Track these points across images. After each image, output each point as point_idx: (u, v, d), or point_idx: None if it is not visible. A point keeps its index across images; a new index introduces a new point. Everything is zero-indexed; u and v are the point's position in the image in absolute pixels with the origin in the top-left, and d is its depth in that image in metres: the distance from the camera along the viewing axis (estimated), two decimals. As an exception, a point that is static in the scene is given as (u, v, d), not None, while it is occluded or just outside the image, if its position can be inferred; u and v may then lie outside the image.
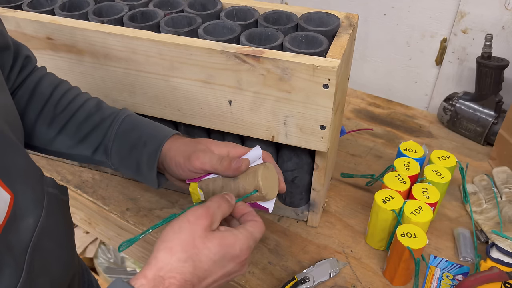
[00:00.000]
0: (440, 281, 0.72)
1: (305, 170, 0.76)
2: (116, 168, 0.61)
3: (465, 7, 1.00)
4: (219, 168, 0.54)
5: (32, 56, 0.62)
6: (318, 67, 0.57)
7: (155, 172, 0.58)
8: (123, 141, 0.59)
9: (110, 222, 0.91)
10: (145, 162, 0.58)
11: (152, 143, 0.58)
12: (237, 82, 0.64)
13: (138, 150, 0.58)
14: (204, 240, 0.44)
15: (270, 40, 0.66)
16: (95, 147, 0.60)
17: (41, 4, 0.77)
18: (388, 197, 0.72)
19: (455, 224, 0.82)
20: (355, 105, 1.16)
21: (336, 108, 0.64)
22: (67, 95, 0.61)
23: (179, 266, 0.42)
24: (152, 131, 0.59)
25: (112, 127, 0.59)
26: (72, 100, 0.61)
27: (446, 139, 1.04)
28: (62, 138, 0.60)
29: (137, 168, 0.59)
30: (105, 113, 0.61)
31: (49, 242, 0.47)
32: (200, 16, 0.71)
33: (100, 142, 0.59)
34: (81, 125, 0.59)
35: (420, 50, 1.14)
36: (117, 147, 0.59)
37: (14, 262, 0.41)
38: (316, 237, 0.81)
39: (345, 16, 0.69)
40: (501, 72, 0.94)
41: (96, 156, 0.60)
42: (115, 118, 0.60)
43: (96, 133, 0.59)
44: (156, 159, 0.57)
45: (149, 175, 0.58)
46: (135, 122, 0.61)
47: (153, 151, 0.57)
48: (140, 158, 0.58)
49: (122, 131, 0.59)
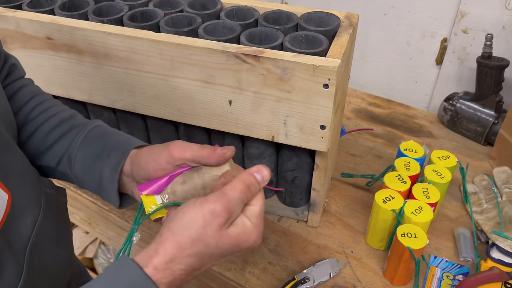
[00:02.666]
0: (441, 281, 0.72)
1: (305, 170, 0.76)
2: (78, 182, 0.56)
3: (466, 7, 1.00)
4: (201, 155, 0.48)
5: (19, 66, 0.60)
6: (318, 67, 0.57)
7: (115, 185, 0.52)
8: (88, 150, 0.54)
9: (110, 222, 0.91)
10: (107, 174, 0.52)
11: (116, 153, 0.53)
12: (237, 82, 0.64)
13: (101, 161, 0.53)
14: (216, 241, 0.41)
15: (270, 40, 0.66)
16: (60, 157, 0.55)
17: (41, 4, 0.77)
18: (388, 197, 0.72)
19: (456, 224, 0.82)
20: (355, 105, 1.16)
21: (336, 108, 0.64)
22: (42, 105, 0.58)
23: (188, 260, 0.41)
24: (119, 141, 0.55)
25: (79, 135, 0.55)
26: (46, 109, 0.57)
27: (447, 139, 1.04)
28: (28, 146, 0.56)
29: (99, 181, 0.53)
30: (76, 122, 0.57)
31: (47, 242, 0.47)
32: (200, 16, 0.70)
33: (65, 151, 0.55)
34: (50, 133, 0.56)
35: (420, 50, 1.14)
36: (81, 157, 0.54)
37: (14, 260, 0.42)
38: (316, 237, 0.81)
39: (345, 16, 0.69)
40: (501, 72, 0.94)
41: (60, 167, 0.56)
42: (84, 127, 0.56)
43: (63, 142, 0.55)
44: (118, 170, 0.51)
45: (110, 189, 0.52)
46: (103, 132, 0.56)
47: (117, 161, 0.52)
48: (103, 170, 0.53)
49: (87, 140, 0.55)
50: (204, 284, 0.83)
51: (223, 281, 0.77)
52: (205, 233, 0.41)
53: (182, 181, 0.50)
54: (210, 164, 0.49)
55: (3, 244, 0.41)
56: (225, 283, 0.77)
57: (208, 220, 0.41)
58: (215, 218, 0.41)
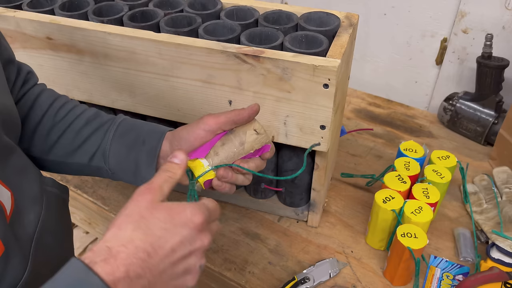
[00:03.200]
0: (440, 281, 0.72)
1: (305, 170, 0.76)
2: (112, 173, 0.60)
3: (466, 7, 1.00)
4: (234, 115, 0.54)
5: (34, 73, 0.64)
6: (318, 67, 0.57)
7: (153, 170, 0.57)
8: (121, 142, 0.59)
9: (110, 222, 0.91)
10: (144, 160, 0.57)
11: (151, 140, 0.58)
12: (237, 82, 0.64)
13: (136, 149, 0.58)
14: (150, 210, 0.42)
15: (270, 40, 0.66)
16: (93, 153, 0.59)
17: (41, 4, 0.77)
18: (388, 197, 0.72)
19: (455, 224, 0.82)
20: (355, 105, 1.16)
21: (336, 108, 0.64)
22: (66, 105, 0.62)
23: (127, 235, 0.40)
24: (150, 129, 0.60)
25: (109, 130, 0.59)
26: (71, 109, 0.61)
27: (446, 139, 1.04)
28: (60, 145, 0.59)
29: (136, 168, 0.58)
30: (104, 119, 0.61)
31: (50, 239, 0.49)
32: (200, 16, 0.70)
33: (98, 146, 0.59)
34: (80, 131, 0.60)
35: (420, 50, 1.14)
36: (115, 149, 0.59)
37: (21, 253, 0.44)
38: (316, 237, 0.81)
39: (345, 16, 0.69)
40: (501, 72, 0.94)
41: (93, 162, 0.60)
42: (113, 122, 0.61)
43: (94, 138, 0.59)
44: (156, 153, 0.57)
45: (148, 173, 0.57)
46: (132, 124, 0.61)
47: (153, 146, 0.57)
48: (139, 157, 0.58)
49: (119, 133, 0.59)
50: (204, 284, 0.83)
51: (223, 281, 0.77)
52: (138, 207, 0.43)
53: (221, 144, 0.55)
54: (243, 120, 0.54)
55: (11, 237, 0.43)
56: (225, 283, 0.77)
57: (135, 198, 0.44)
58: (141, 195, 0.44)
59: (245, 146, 0.55)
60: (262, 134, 0.55)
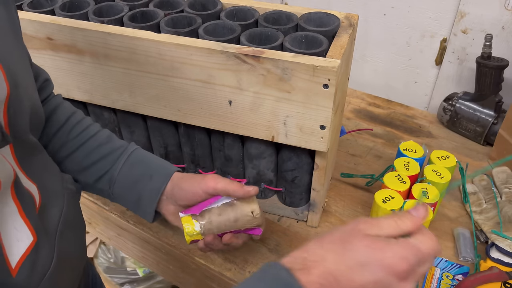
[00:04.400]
0: (440, 281, 0.72)
1: (305, 170, 0.76)
2: (113, 198, 0.63)
3: (465, 7, 1.00)
4: (230, 187, 0.58)
5: (50, 80, 0.64)
6: (318, 67, 0.57)
7: (154, 206, 0.61)
8: (130, 173, 0.61)
9: (110, 222, 0.91)
10: (147, 195, 0.60)
11: (158, 177, 0.61)
12: (237, 82, 0.64)
13: (143, 183, 0.61)
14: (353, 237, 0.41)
15: (270, 40, 0.66)
16: (100, 176, 0.61)
17: (41, 4, 0.77)
18: (388, 197, 0.72)
19: (455, 224, 0.82)
20: (355, 105, 1.16)
21: (336, 108, 0.64)
22: (81, 123, 0.63)
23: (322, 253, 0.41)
24: (159, 166, 0.62)
25: (121, 158, 0.62)
26: (86, 129, 0.63)
27: (446, 139, 1.04)
28: (69, 162, 0.61)
29: (138, 200, 0.61)
30: (116, 145, 0.63)
31: (70, 233, 0.51)
32: (200, 16, 0.71)
33: (106, 171, 0.61)
34: (91, 153, 0.61)
35: (420, 50, 1.14)
36: (122, 178, 0.61)
37: (48, 245, 0.45)
38: (316, 237, 0.81)
39: (345, 16, 0.70)
40: (501, 72, 0.94)
41: (98, 185, 0.62)
42: (125, 150, 0.63)
43: (104, 163, 0.61)
44: (159, 192, 0.60)
45: (149, 208, 0.61)
46: (143, 156, 0.63)
47: (160, 184, 0.60)
48: (143, 191, 0.61)
49: (130, 163, 0.62)
50: (204, 284, 0.83)
51: (223, 281, 0.77)
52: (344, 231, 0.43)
53: (218, 213, 0.59)
54: (237, 196, 0.58)
55: (41, 228, 0.45)
56: (225, 283, 0.77)
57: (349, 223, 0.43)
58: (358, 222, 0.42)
59: (238, 223, 0.58)
60: (258, 218, 0.58)
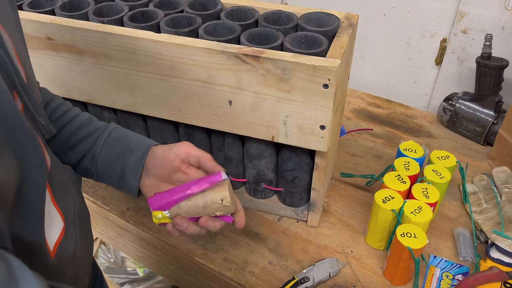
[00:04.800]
0: (440, 281, 0.72)
1: (305, 170, 0.76)
2: (98, 176, 0.63)
3: (465, 7, 1.00)
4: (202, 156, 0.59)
5: None
6: (318, 67, 0.57)
7: (138, 178, 0.61)
8: (111, 149, 0.62)
9: (110, 222, 0.92)
10: (130, 167, 0.61)
11: (138, 150, 0.61)
12: (237, 82, 0.64)
13: (125, 157, 0.61)
14: None
15: (270, 40, 0.66)
16: (82, 156, 0.62)
17: (41, 4, 0.77)
18: (388, 197, 0.72)
19: (455, 224, 0.82)
20: (355, 105, 1.16)
21: (336, 108, 0.64)
22: (61, 107, 0.64)
23: None
24: (139, 141, 0.63)
25: (101, 136, 0.63)
26: (66, 111, 0.64)
27: (446, 139, 1.04)
28: (53, 145, 0.61)
29: (121, 175, 0.62)
30: (97, 125, 0.64)
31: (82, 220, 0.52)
32: (200, 16, 0.71)
33: (89, 150, 0.62)
34: (73, 134, 0.62)
35: (420, 50, 1.14)
36: (104, 155, 0.62)
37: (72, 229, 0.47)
38: (316, 237, 0.81)
39: (345, 16, 0.70)
40: (500, 72, 0.94)
41: (81, 164, 0.63)
42: (105, 129, 0.64)
43: (86, 142, 0.62)
44: (142, 163, 0.61)
45: (133, 181, 0.61)
46: (122, 133, 0.64)
47: (139, 157, 0.61)
48: (126, 165, 0.61)
49: (110, 140, 0.63)
50: (204, 284, 0.84)
51: (223, 281, 0.77)
52: None
53: (188, 199, 0.58)
54: (204, 168, 0.59)
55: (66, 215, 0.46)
56: (225, 283, 0.77)
57: None
58: None
59: (206, 210, 0.58)
60: (227, 206, 0.57)
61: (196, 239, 0.81)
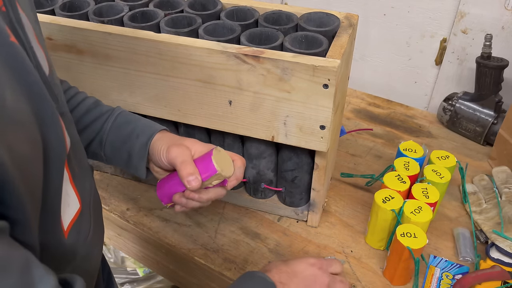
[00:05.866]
0: (440, 281, 0.72)
1: (305, 170, 0.76)
2: (107, 159, 0.65)
3: (465, 7, 1.00)
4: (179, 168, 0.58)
5: None
6: (318, 67, 0.57)
7: (145, 162, 0.63)
8: (118, 133, 0.64)
9: (110, 222, 0.91)
10: (136, 152, 0.63)
11: (144, 135, 0.63)
12: (237, 82, 0.64)
13: (131, 142, 0.63)
14: None
15: (270, 40, 0.66)
16: (91, 140, 0.64)
17: (41, 4, 0.77)
18: (388, 197, 0.72)
19: (455, 224, 0.82)
20: (355, 105, 1.16)
21: (336, 108, 0.64)
22: (69, 91, 0.65)
23: None
24: (145, 125, 0.65)
25: (108, 121, 0.64)
26: (74, 96, 0.65)
27: (446, 139, 1.04)
28: None
29: (128, 159, 0.63)
30: (103, 109, 0.66)
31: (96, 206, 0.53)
32: (200, 16, 0.71)
33: (97, 134, 0.64)
34: (81, 118, 0.64)
35: (420, 50, 1.14)
36: (111, 139, 0.64)
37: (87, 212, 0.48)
38: (316, 237, 0.81)
39: (345, 16, 0.70)
40: (500, 72, 0.94)
41: (90, 148, 0.65)
42: (111, 114, 0.65)
43: (94, 126, 0.64)
44: (146, 149, 0.62)
45: (139, 165, 0.63)
46: (129, 118, 0.66)
47: (144, 142, 0.62)
48: (132, 149, 0.63)
49: (117, 124, 0.64)
50: (204, 284, 0.84)
51: (223, 281, 0.77)
52: None
53: None
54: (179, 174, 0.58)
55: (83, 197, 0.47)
56: (225, 283, 0.77)
57: None
58: None
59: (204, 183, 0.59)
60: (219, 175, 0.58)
61: (196, 239, 0.81)
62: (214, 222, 0.84)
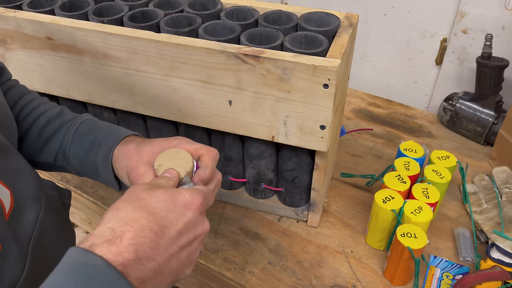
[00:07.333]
0: (440, 281, 0.72)
1: (305, 170, 0.76)
2: (77, 173, 0.60)
3: (465, 7, 1.00)
4: None
5: (6, 69, 0.62)
6: (318, 67, 0.57)
7: (111, 174, 0.55)
8: (80, 144, 0.57)
9: (110, 222, 0.91)
10: (100, 164, 0.56)
11: (106, 145, 0.56)
12: (237, 82, 0.64)
13: (93, 152, 0.56)
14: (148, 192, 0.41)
15: (270, 40, 0.66)
16: (56, 153, 0.59)
17: (41, 4, 0.77)
18: (388, 197, 0.72)
19: (455, 224, 0.82)
20: (355, 105, 1.16)
21: (336, 108, 0.64)
22: (31, 104, 0.60)
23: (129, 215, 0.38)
24: (108, 132, 0.58)
25: (69, 131, 0.58)
26: (36, 108, 0.60)
27: (446, 139, 1.04)
28: (25, 144, 0.58)
29: (95, 171, 0.57)
30: (65, 118, 0.60)
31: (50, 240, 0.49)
32: (200, 16, 0.71)
33: (59, 147, 0.58)
34: (42, 131, 0.58)
35: (420, 50, 1.14)
36: (74, 151, 0.58)
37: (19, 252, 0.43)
38: (316, 237, 0.81)
39: (345, 16, 0.70)
40: (501, 72, 0.94)
41: (57, 162, 0.59)
42: (74, 122, 0.59)
43: (55, 139, 0.58)
44: (109, 160, 0.55)
45: (107, 177, 0.56)
46: (92, 125, 0.59)
47: (107, 152, 0.55)
48: (96, 160, 0.56)
49: (78, 134, 0.58)
50: (204, 284, 0.83)
51: (223, 281, 0.77)
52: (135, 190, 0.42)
53: None
54: None
55: (10, 235, 0.43)
56: (225, 283, 0.77)
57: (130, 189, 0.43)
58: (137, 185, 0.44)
59: None
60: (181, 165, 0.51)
61: (196, 239, 0.81)
62: (214, 222, 0.84)
